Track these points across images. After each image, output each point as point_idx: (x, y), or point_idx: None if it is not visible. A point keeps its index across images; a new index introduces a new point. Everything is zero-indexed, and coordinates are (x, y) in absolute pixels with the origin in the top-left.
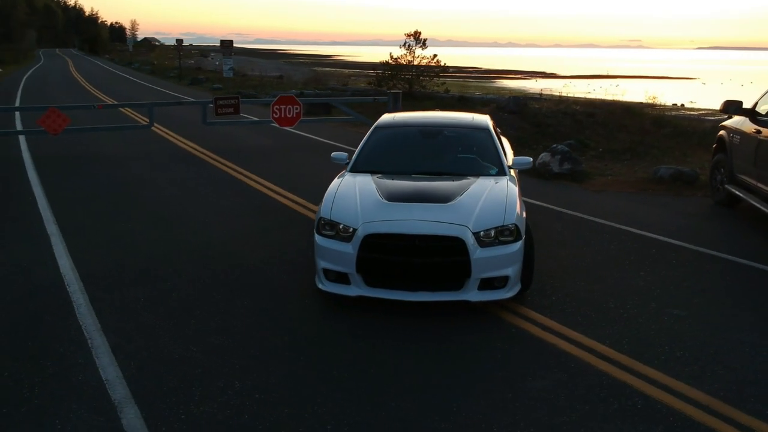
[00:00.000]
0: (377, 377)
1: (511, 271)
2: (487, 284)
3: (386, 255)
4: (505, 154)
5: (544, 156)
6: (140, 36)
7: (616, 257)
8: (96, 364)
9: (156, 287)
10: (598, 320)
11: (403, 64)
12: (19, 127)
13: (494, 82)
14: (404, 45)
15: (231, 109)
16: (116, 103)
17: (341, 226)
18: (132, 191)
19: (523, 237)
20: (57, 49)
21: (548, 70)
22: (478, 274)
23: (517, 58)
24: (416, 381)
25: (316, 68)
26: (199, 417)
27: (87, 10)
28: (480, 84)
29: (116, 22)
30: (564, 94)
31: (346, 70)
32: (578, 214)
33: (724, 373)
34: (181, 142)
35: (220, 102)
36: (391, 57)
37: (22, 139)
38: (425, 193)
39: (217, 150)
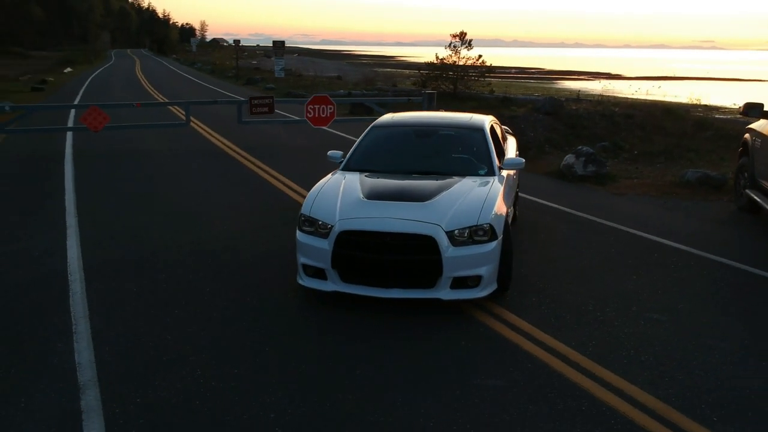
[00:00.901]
0: (333, 369)
1: (485, 270)
2: (460, 283)
3: (359, 252)
4: (502, 155)
5: (569, 158)
6: (209, 37)
7: (614, 260)
8: (73, 349)
9: (151, 278)
10: (572, 322)
11: (448, 65)
12: (70, 123)
13: (556, 83)
14: (449, 46)
15: (266, 109)
16: (162, 101)
17: (320, 223)
18: (155, 186)
19: (500, 237)
20: (128, 50)
21: (614, 71)
22: (450, 272)
23: (583, 58)
24: (369, 375)
25: (377, 69)
26: (154, 401)
27: (160, 12)
28: (541, 85)
29: (187, 24)
30: (605, 95)
31: (407, 71)
32: (589, 217)
33: (684, 379)
34: (216, 139)
35: (255, 101)
36: (437, 57)
37: (69, 135)
38: (405, 192)
39: (247, 147)
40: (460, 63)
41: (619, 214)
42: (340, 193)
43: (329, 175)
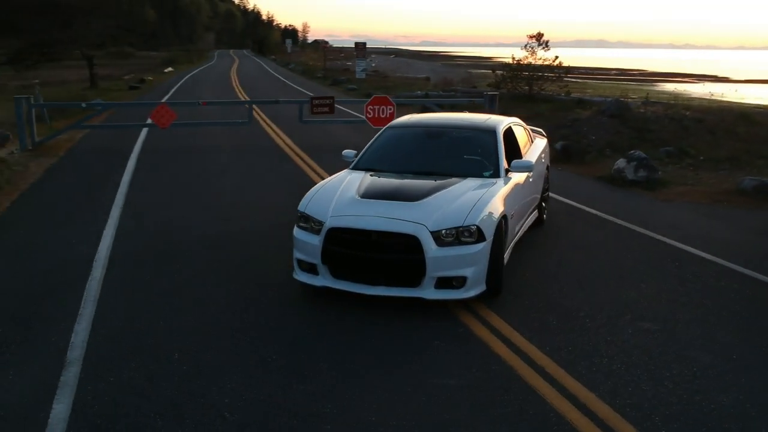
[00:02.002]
0: (300, 361)
1: (470, 272)
2: (444, 283)
3: (346, 248)
4: (518, 157)
5: (620, 162)
6: (311, 38)
7: (627, 267)
8: (72, 330)
9: (167, 268)
10: (555, 328)
11: (523, 65)
12: (149, 120)
13: (655, 85)
14: (525, 46)
15: (326, 109)
16: (226, 100)
17: (313, 220)
18: (204, 181)
19: (489, 240)
20: (231, 51)
21: (721, 74)
22: (433, 272)
23: (691, 60)
24: (333, 368)
25: (471, 70)
26: (123, 382)
27: (264, 14)
28: (640, 87)
29: (290, 25)
30: (678, 98)
31: (501, 72)
32: (622, 223)
33: (648, 390)
34: (278, 136)
35: (316, 101)
36: (513, 59)
37: (144, 131)
38: (399, 191)
39: (303, 146)
40: (537, 64)
41: (656, 221)
42: (339, 191)
43: (336, 174)
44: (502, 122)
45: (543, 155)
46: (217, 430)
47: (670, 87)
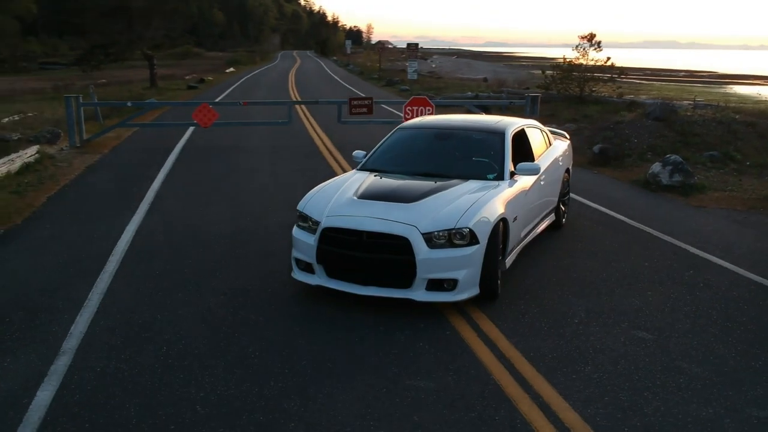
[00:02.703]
0: (281, 358)
1: (462, 274)
2: (435, 285)
3: (339, 248)
4: (528, 159)
5: (655, 167)
6: (374, 39)
7: (638, 274)
8: (74, 320)
9: (179, 263)
10: (545, 334)
11: (574, 66)
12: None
13: (725, 87)
14: (576, 47)
15: (365, 109)
16: (267, 100)
17: (311, 219)
18: (234, 178)
19: (482, 243)
20: (294, 51)
21: None
22: (424, 274)
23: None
24: (311, 366)
25: (533, 71)
26: (110, 372)
27: (330, 16)
28: (707, 89)
29: (354, 26)
30: (730, 101)
31: (551, 73)
32: (645, 228)
33: (625, 400)
34: (317, 136)
35: (355, 102)
36: (564, 60)
37: (190, 130)
38: (396, 192)
39: (339, 146)
40: (588, 65)
41: (682, 227)
42: (339, 191)
43: (343, 174)
44: (513, 125)
45: (561, 158)
46: (185, 422)
47: (739, 89)
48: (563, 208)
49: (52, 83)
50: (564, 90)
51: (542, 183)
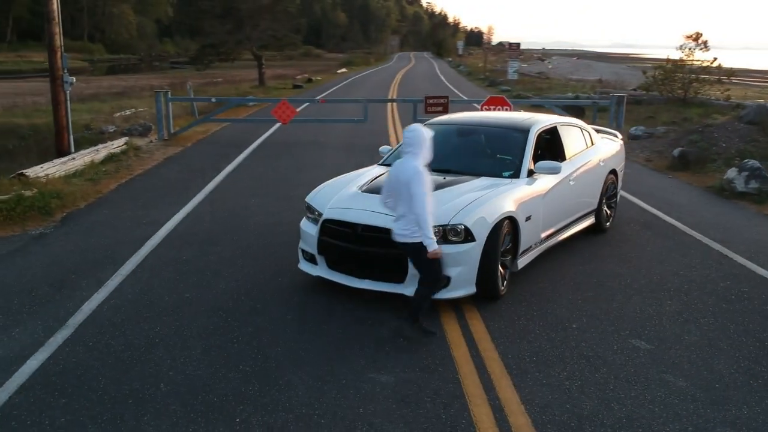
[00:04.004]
0: (258, 345)
1: (456, 272)
2: None
3: (337, 240)
4: (559, 158)
5: (731, 172)
6: (495, 41)
7: (667, 282)
8: (90, 298)
9: (206, 250)
10: (534, 336)
11: (678, 66)
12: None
13: None
14: (681, 47)
15: (440, 108)
16: (343, 98)
17: (315, 211)
18: (295, 173)
19: (479, 240)
20: (411, 53)
21: None
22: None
23: None
24: (282, 354)
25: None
26: (98, 347)
27: (451, 18)
28: None
29: (475, 28)
30: None
31: (652, 74)
32: (696, 236)
33: (587, 408)
34: (392, 135)
35: (430, 101)
36: (668, 60)
37: (275, 126)
38: None
39: None
40: (694, 66)
41: (740, 236)
42: (348, 184)
43: (362, 168)
44: (541, 122)
45: (604, 159)
46: (143, 398)
47: None
48: (608, 211)
49: (170, 81)
50: (667, 91)
51: (572, 183)
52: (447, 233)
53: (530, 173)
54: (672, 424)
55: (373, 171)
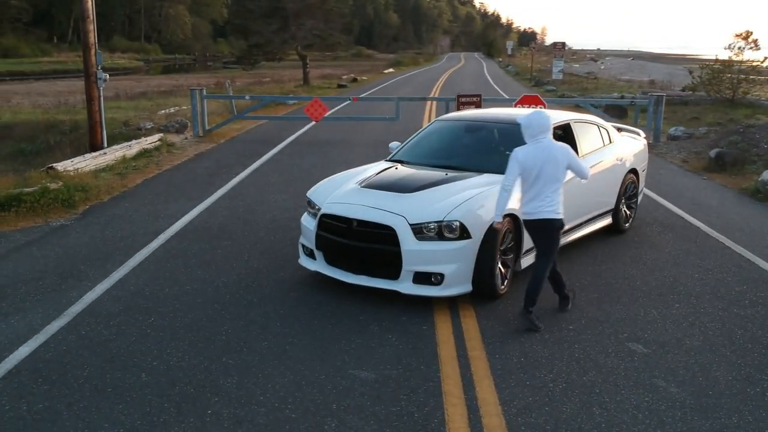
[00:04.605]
0: (247, 337)
1: (450, 269)
2: (423, 278)
3: (333, 235)
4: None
5: (766, 174)
6: (548, 41)
7: (680, 285)
8: (93, 288)
9: (215, 244)
10: (525, 337)
11: (726, 66)
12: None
13: None
14: (730, 46)
15: (472, 106)
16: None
17: (315, 206)
18: (321, 171)
19: (475, 237)
20: (462, 53)
21: None
22: (410, 266)
23: None
24: (268, 348)
25: None
26: (91, 337)
27: (504, 18)
28: None
29: (528, 28)
30: None
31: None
32: (719, 237)
33: (565, 412)
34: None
35: (463, 99)
36: (716, 60)
37: (309, 124)
38: (399, 182)
39: None
40: (743, 67)
41: (766, 240)
42: (350, 180)
43: (366, 165)
44: (554, 119)
45: (623, 158)
46: (123, 387)
47: None
48: (627, 212)
49: (217, 80)
50: (714, 92)
51: (584, 181)
52: (442, 230)
53: None
54: (653, 431)
55: (375, 167)
